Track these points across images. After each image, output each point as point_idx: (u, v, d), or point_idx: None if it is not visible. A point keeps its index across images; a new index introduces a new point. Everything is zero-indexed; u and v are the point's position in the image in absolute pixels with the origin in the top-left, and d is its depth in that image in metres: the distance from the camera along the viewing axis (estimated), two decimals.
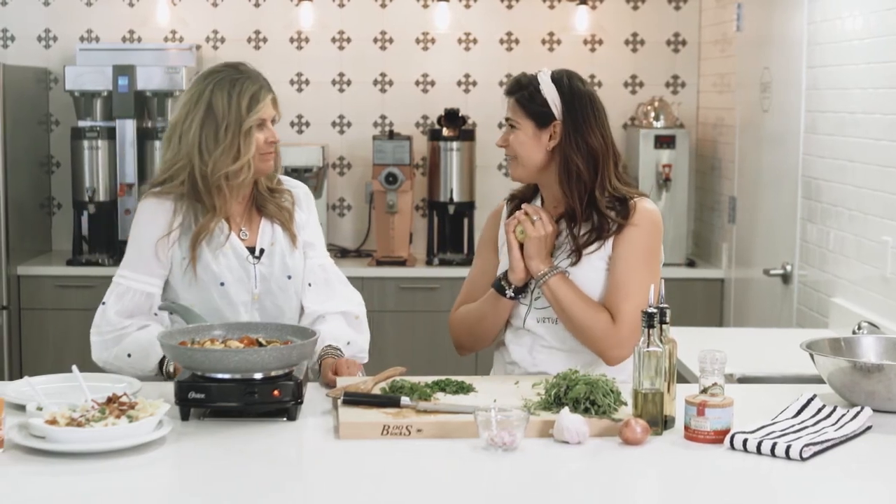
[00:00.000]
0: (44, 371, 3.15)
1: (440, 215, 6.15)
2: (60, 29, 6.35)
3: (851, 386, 2.85)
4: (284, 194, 3.27)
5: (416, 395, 2.81)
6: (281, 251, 3.22)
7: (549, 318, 3.12)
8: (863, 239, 4.21)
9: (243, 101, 3.10)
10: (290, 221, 3.25)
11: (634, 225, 3.07)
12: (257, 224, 3.23)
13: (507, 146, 3.13)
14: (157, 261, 3.15)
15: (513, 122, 3.13)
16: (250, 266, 3.18)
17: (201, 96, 3.12)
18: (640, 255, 3.07)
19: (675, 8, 6.44)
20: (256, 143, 3.11)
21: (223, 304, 3.15)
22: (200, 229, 3.12)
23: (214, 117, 3.10)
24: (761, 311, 5.25)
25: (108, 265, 5.89)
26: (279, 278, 3.21)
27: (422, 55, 6.46)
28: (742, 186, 5.55)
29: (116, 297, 3.15)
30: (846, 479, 2.44)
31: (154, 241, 3.14)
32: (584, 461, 2.51)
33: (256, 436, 2.63)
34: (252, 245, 3.20)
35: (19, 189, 5.88)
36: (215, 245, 3.15)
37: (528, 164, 3.11)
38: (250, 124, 3.09)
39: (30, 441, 2.48)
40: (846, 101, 4.35)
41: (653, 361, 2.63)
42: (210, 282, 3.15)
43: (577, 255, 3.08)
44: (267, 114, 3.14)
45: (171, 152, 3.15)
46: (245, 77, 3.15)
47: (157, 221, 3.15)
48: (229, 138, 3.08)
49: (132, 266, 3.17)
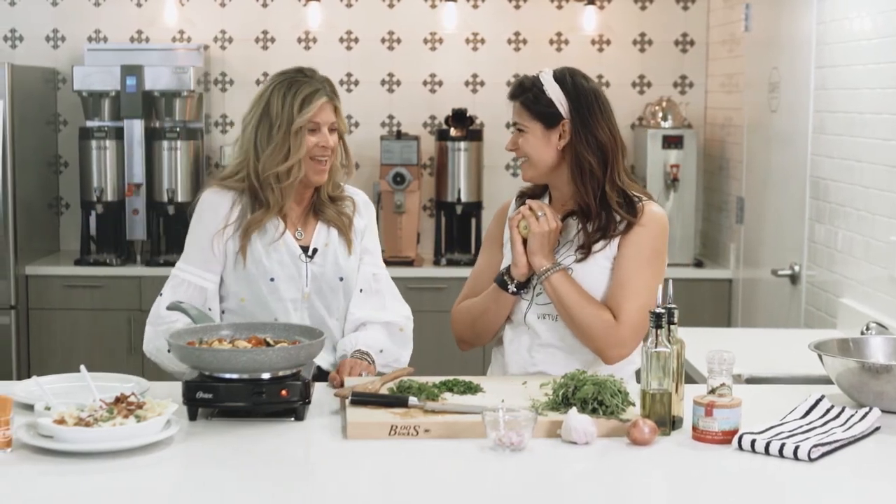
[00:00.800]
0: (52, 371, 3.16)
1: (448, 215, 6.15)
2: (68, 29, 6.36)
3: (860, 386, 2.85)
4: (346, 201, 3.30)
5: (423, 395, 2.81)
6: (334, 252, 3.24)
7: (550, 315, 3.12)
8: (871, 239, 4.20)
9: (296, 102, 3.13)
10: (349, 227, 3.27)
11: (641, 225, 3.07)
12: (313, 226, 3.25)
13: (517, 149, 3.13)
14: (213, 254, 3.18)
15: (521, 126, 3.13)
16: (302, 264, 3.20)
17: (262, 96, 3.19)
18: (645, 255, 3.07)
19: (683, 8, 6.44)
20: (308, 147, 3.13)
21: (272, 299, 3.18)
22: (251, 222, 3.16)
23: (269, 117, 3.14)
24: (769, 311, 5.24)
25: (115, 265, 5.90)
26: (331, 279, 3.23)
27: (429, 55, 6.46)
28: (750, 187, 5.55)
29: (171, 290, 3.19)
30: (854, 480, 2.44)
31: (211, 235, 3.18)
32: (591, 461, 2.51)
33: (264, 436, 2.63)
34: (306, 245, 3.22)
35: (27, 189, 5.89)
36: (268, 240, 3.17)
37: (540, 165, 3.11)
38: (300, 125, 3.12)
39: (38, 441, 2.48)
40: (854, 102, 4.34)
41: (661, 362, 2.63)
42: (260, 276, 3.17)
43: (586, 251, 3.08)
44: (321, 118, 3.16)
45: (236, 150, 3.24)
46: (305, 80, 3.18)
47: (214, 214, 3.19)
48: (280, 138, 3.13)
49: (188, 259, 3.21)
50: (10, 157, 5.64)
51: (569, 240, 3.13)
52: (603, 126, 3.09)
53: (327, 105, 3.18)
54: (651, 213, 3.10)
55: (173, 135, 5.95)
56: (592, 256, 3.08)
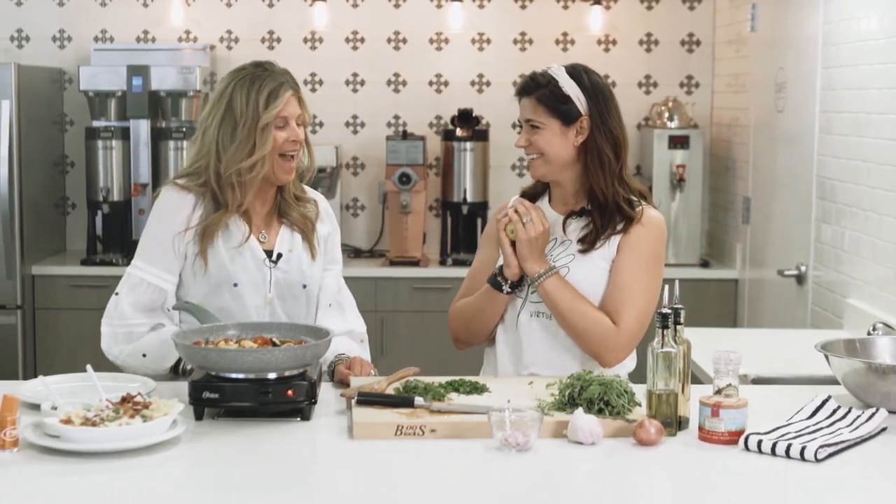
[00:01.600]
0: (58, 370, 3.15)
1: (453, 215, 6.15)
2: (75, 29, 6.37)
3: (866, 387, 2.85)
4: (310, 204, 3.23)
5: (429, 395, 2.80)
6: (298, 258, 3.17)
7: (543, 314, 3.11)
8: (877, 240, 4.19)
9: (261, 98, 3.05)
10: (312, 232, 3.20)
11: (641, 227, 3.07)
12: (277, 229, 3.18)
13: (530, 146, 3.10)
14: (173, 255, 3.10)
15: (535, 123, 3.09)
16: (266, 270, 3.14)
17: (223, 94, 3.10)
18: (644, 259, 3.07)
19: (689, 8, 6.43)
20: (276, 142, 3.05)
21: (234, 305, 3.11)
22: (209, 224, 3.08)
23: (233, 115, 3.06)
24: (775, 311, 5.24)
25: (122, 265, 5.90)
26: (294, 285, 3.17)
27: (435, 55, 6.46)
28: (756, 187, 5.54)
29: (129, 289, 3.10)
30: (861, 481, 2.43)
31: (171, 235, 3.10)
32: (597, 462, 2.51)
33: (270, 436, 2.63)
34: (270, 249, 3.15)
35: (34, 189, 5.90)
36: (232, 244, 3.10)
37: (555, 162, 3.09)
38: (267, 120, 3.04)
39: (44, 440, 2.48)
40: (861, 102, 4.34)
41: (667, 362, 2.62)
42: (223, 282, 3.10)
43: (589, 245, 3.08)
44: (289, 111, 3.08)
45: (195, 149, 3.14)
46: (267, 74, 3.11)
47: (176, 214, 3.10)
48: (245, 134, 3.04)
49: (146, 258, 3.12)
50: (16, 156, 5.64)
51: (567, 239, 3.13)
52: (616, 121, 3.11)
53: (292, 98, 3.10)
54: (650, 217, 3.10)
55: (179, 135, 5.96)
56: (589, 256, 3.08)
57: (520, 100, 3.14)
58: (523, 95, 3.13)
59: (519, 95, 3.14)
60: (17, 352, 5.72)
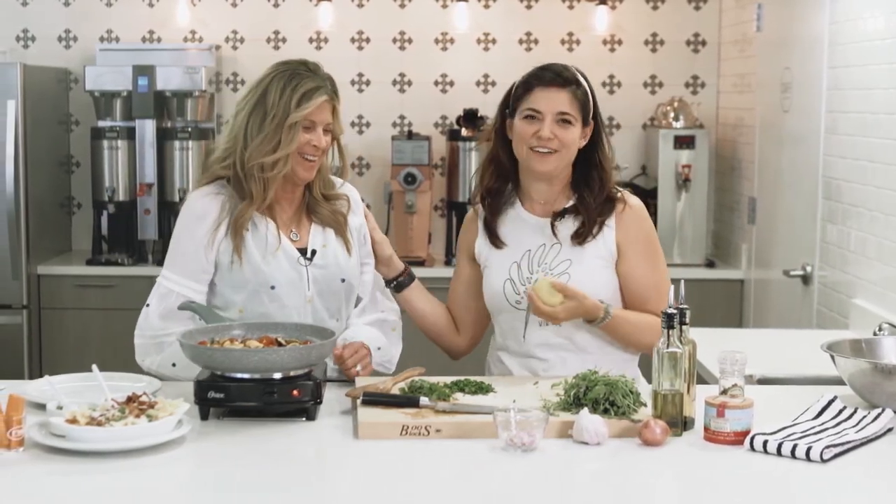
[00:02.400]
0: (63, 370, 3.15)
1: (459, 215, 6.13)
2: (80, 29, 6.37)
3: (872, 387, 2.84)
4: (341, 199, 3.18)
5: (435, 395, 2.80)
6: (334, 253, 3.12)
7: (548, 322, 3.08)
8: (884, 240, 4.19)
9: (295, 96, 3.02)
10: (345, 226, 3.15)
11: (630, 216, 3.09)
12: (308, 228, 3.14)
13: (552, 139, 3.03)
14: (200, 264, 3.05)
15: (569, 118, 3.04)
16: (302, 268, 3.09)
17: (261, 83, 3.07)
18: (653, 250, 3.12)
19: (694, 8, 6.43)
20: (299, 143, 3.01)
21: (274, 307, 3.05)
22: (237, 217, 3.03)
23: (265, 106, 3.02)
24: (781, 312, 5.23)
25: (127, 265, 5.91)
26: (332, 281, 3.12)
27: (441, 55, 6.46)
28: (762, 187, 5.53)
29: (158, 299, 3.07)
30: (867, 481, 2.43)
31: (199, 244, 3.05)
32: (603, 462, 2.50)
33: (275, 435, 2.63)
34: (303, 247, 3.11)
35: (39, 189, 5.90)
36: (263, 245, 3.05)
37: (567, 160, 3.08)
38: (296, 119, 3.00)
39: (50, 440, 2.49)
40: (867, 102, 4.33)
41: (672, 362, 2.62)
42: (260, 285, 3.04)
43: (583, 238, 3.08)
44: (318, 117, 3.04)
45: (225, 132, 3.12)
46: (308, 75, 3.08)
47: (203, 222, 3.05)
48: (272, 129, 3.00)
49: (174, 268, 3.07)
50: (22, 156, 5.65)
51: (556, 242, 3.11)
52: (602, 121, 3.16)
53: (326, 104, 3.06)
54: (637, 206, 3.13)
55: (185, 135, 5.96)
56: (585, 254, 3.07)
57: (544, 88, 3.05)
58: (559, 87, 3.05)
59: (548, 85, 3.05)
60: (23, 351, 5.73)
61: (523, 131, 3.06)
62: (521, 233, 3.15)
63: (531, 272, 3.11)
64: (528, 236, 3.14)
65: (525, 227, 3.15)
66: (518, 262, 3.13)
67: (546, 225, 3.12)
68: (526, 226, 3.14)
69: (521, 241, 3.14)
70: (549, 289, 2.96)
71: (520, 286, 3.11)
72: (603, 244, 3.09)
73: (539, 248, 3.12)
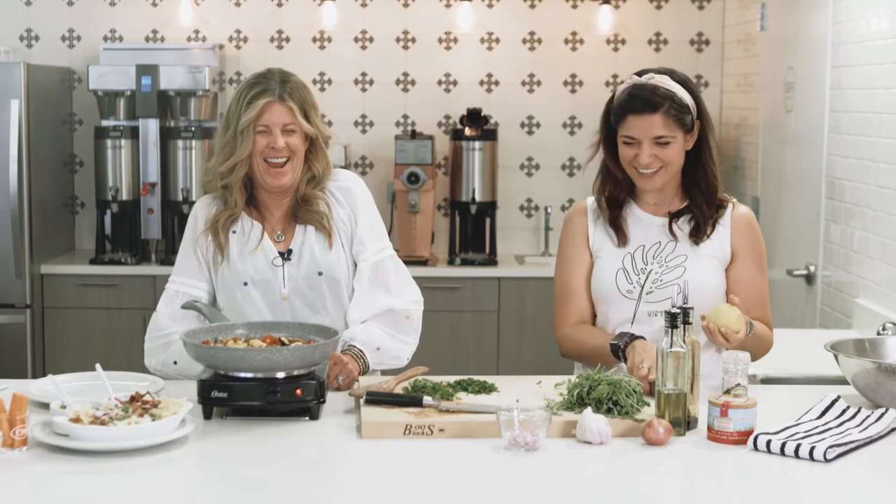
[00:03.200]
0: (67, 369, 3.17)
1: (462, 215, 6.15)
2: (84, 29, 6.38)
3: (876, 387, 2.84)
4: (318, 200, 3.20)
5: (438, 394, 2.81)
6: (310, 249, 3.17)
7: (658, 312, 3.08)
8: (887, 239, 4.18)
9: (243, 103, 3.09)
10: (324, 221, 3.18)
11: (748, 226, 3.17)
12: (293, 230, 3.20)
13: (656, 160, 3.06)
14: (200, 262, 3.19)
15: (667, 139, 3.06)
16: (278, 268, 3.15)
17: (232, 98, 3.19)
18: (763, 260, 3.20)
19: (698, 7, 6.42)
20: (255, 147, 3.08)
21: (246, 304, 3.14)
22: (214, 219, 3.15)
23: (227, 118, 3.14)
24: (785, 311, 5.23)
25: (130, 264, 5.91)
26: (309, 276, 3.15)
27: (444, 55, 6.45)
28: (765, 186, 5.53)
29: (166, 302, 3.16)
30: (870, 481, 2.43)
31: (192, 243, 3.19)
32: (606, 462, 2.50)
33: (278, 435, 2.63)
34: (286, 249, 3.18)
35: (43, 188, 5.91)
36: (243, 244, 3.16)
37: (674, 170, 3.12)
38: (243, 126, 3.07)
39: (53, 439, 2.49)
40: (871, 101, 4.33)
41: (676, 362, 2.62)
42: (234, 282, 3.15)
43: (700, 236, 3.12)
44: (269, 119, 3.07)
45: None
46: (260, 81, 3.12)
47: (197, 222, 3.20)
48: (230, 138, 3.11)
49: (179, 270, 3.21)
50: (25, 156, 5.65)
51: (671, 239, 3.14)
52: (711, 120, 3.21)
53: (275, 106, 3.07)
54: (749, 214, 3.22)
55: (188, 134, 5.96)
56: (700, 253, 3.11)
57: (636, 116, 3.05)
58: (650, 112, 3.05)
59: (640, 113, 3.05)
60: (27, 351, 5.73)
61: (625, 155, 3.11)
62: (636, 230, 3.18)
63: (645, 263, 3.13)
64: (642, 233, 3.17)
65: (640, 224, 3.18)
66: (632, 254, 3.16)
67: (661, 223, 3.16)
68: (641, 224, 3.18)
69: (636, 237, 3.17)
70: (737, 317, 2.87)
71: (633, 276, 3.13)
72: (718, 245, 3.13)
73: (654, 244, 3.15)
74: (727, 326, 2.86)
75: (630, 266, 3.14)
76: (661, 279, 3.10)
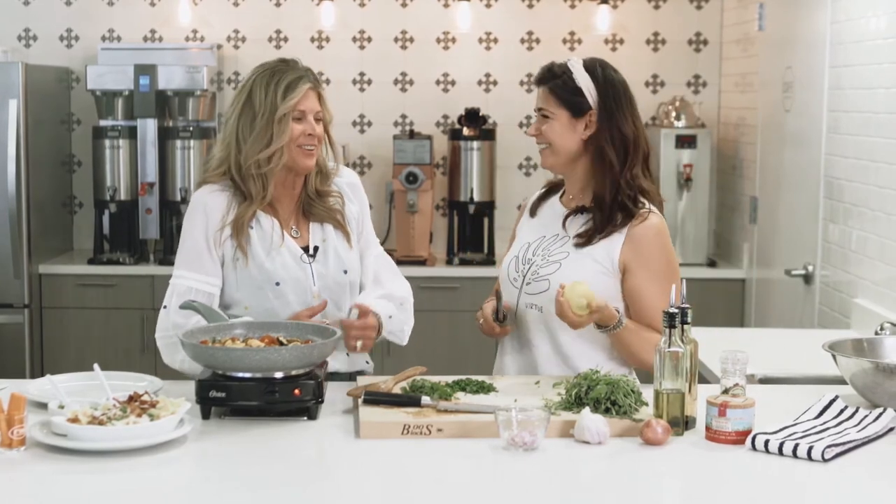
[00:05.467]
0: (65, 369, 3.16)
1: (460, 215, 6.15)
2: (82, 29, 6.38)
3: (874, 387, 2.84)
4: (333, 196, 3.21)
5: (436, 394, 2.80)
6: (335, 247, 3.16)
7: (536, 305, 3.09)
8: (885, 239, 4.18)
9: (280, 89, 3.06)
10: (343, 220, 3.19)
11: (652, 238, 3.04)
12: (307, 225, 3.18)
13: (539, 135, 3.11)
14: (214, 258, 3.09)
15: (546, 112, 3.10)
16: (306, 265, 3.12)
17: (245, 87, 3.12)
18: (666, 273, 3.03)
19: (696, 7, 6.43)
20: (292, 134, 3.06)
21: (278, 304, 3.08)
22: (238, 215, 3.07)
23: (252, 107, 3.08)
24: (783, 311, 5.23)
25: (128, 264, 5.91)
26: (335, 274, 3.15)
27: (442, 55, 6.45)
28: (764, 186, 5.53)
29: (179, 298, 3.07)
30: (869, 481, 2.43)
31: (208, 236, 3.09)
32: (604, 461, 2.50)
33: (277, 435, 2.63)
34: (304, 244, 3.15)
35: (41, 188, 5.90)
36: (268, 243, 3.10)
37: (562, 153, 3.10)
38: (284, 111, 3.04)
39: (51, 439, 2.49)
40: (869, 101, 4.33)
41: (674, 362, 2.62)
42: (265, 282, 3.08)
43: (585, 241, 3.06)
44: (306, 105, 3.08)
45: (218, 141, 3.18)
46: (288, 69, 3.12)
47: (211, 216, 3.09)
48: (263, 125, 3.05)
49: (189, 265, 3.09)
50: (23, 156, 5.65)
51: (565, 235, 3.12)
52: (628, 120, 3.08)
53: (311, 93, 3.10)
54: (655, 226, 3.06)
55: (186, 134, 5.96)
56: (584, 252, 3.06)
57: (536, 87, 3.17)
58: (540, 84, 3.14)
59: (536, 84, 3.16)
60: (25, 350, 5.73)
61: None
62: (547, 219, 3.19)
63: (533, 255, 3.14)
64: (550, 224, 3.17)
65: (552, 214, 3.19)
66: (530, 244, 3.17)
67: (562, 217, 3.15)
68: (552, 213, 3.19)
69: (544, 227, 3.18)
70: (580, 298, 2.92)
71: (521, 265, 3.15)
72: (605, 251, 3.06)
73: (553, 236, 3.14)
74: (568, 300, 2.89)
75: (522, 255, 3.17)
76: (538, 272, 3.11)
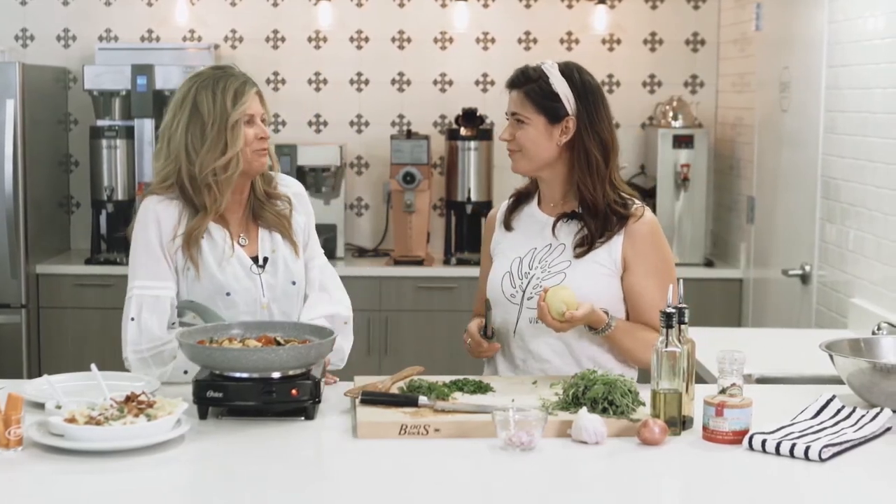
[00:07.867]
0: (62, 369, 3.15)
1: (458, 215, 6.15)
2: (79, 29, 6.37)
3: (871, 387, 2.84)
4: (282, 200, 3.21)
5: (433, 394, 2.80)
6: (283, 258, 3.16)
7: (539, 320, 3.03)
8: (882, 239, 4.19)
9: (228, 97, 3.05)
10: (290, 230, 3.18)
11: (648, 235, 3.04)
12: (255, 233, 3.17)
13: (512, 140, 3.07)
14: (168, 266, 3.08)
15: (521, 117, 3.06)
16: (255, 276, 3.12)
17: (185, 98, 3.09)
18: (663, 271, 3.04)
19: (694, 7, 6.43)
20: (246, 139, 3.06)
21: (229, 314, 3.07)
22: (192, 227, 3.06)
23: (200, 116, 3.05)
24: (780, 311, 5.23)
25: (125, 264, 5.87)
26: (284, 285, 3.15)
27: (440, 55, 6.45)
28: (761, 186, 5.53)
29: (150, 310, 3.05)
30: (866, 481, 2.43)
31: (161, 244, 3.07)
32: (602, 461, 2.50)
33: (274, 435, 2.63)
34: (254, 254, 3.14)
35: (38, 188, 5.90)
36: (219, 254, 3.09)
37: (536, 159, 3.06)
38: (236, 118, 3.04)
39: (48, 439, 2.49)
40: (867, 101, 4.33)
41: (671, 362, 2.62)
42: (215, 292, 3.08)
43: (587, 248, 3.04)
44: (254, 109, 3.09)
45: (162, 158, 3.12)
46: (228, 75, 3.12)
47: (163, 224, 3.07)
48: (215, 134, 3.04)
49: (151, 275, 3.07)
50: (21, 156, 5.64)
51: (560, 243, 3.10)
52: (606, 123, 3.07)
53: (255, 96, 3.12)
54: (650, 223, 3.06)
55: None
56: (586, 259, 3.05)
57: (509, 92, 3.11)
58: (512, 88, 3.09)
59: (508, 88, 3.11)
60: (22, 351, 5.72)
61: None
62: (531, 230, 3.15)
63: (530, 268, 3.10)
64: (536, 234, 3.13)
65: (535, 224, 3.15)
66: (521, 258, 3.12)
67: (550, 225, 3.11)
68: (535, 223, 3.15)
69: (530, 239, 3.14)
70: (560, 303, 2.93)
71: (517, 280, 3.11)
72: (607, 253, 3.05)
73: (545, 247, 3.11)
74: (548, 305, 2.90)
75: (517, 270, 3.12)
76: (541, 285, 3.05)
